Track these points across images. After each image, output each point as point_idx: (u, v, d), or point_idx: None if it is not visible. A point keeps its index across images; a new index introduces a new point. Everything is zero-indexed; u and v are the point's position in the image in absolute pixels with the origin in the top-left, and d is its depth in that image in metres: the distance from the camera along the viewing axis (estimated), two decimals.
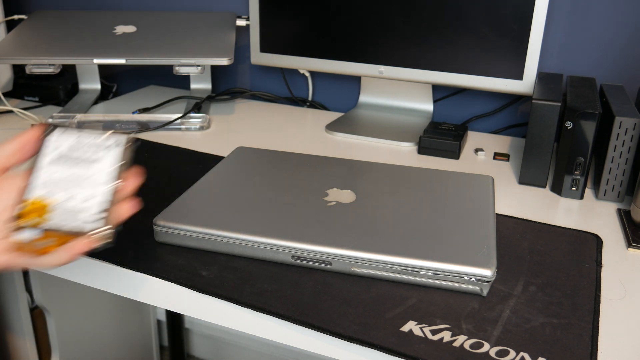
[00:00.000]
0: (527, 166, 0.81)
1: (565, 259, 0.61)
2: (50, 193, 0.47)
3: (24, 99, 1.19)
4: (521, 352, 0.47)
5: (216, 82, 1.31)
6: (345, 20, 1.01)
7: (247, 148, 0.82)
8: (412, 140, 0.97)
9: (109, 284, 0.60)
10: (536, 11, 0.89)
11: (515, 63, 0.93)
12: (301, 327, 0.51)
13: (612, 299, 0.56)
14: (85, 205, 0.47)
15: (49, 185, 0.48)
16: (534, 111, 0.78)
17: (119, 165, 0.49)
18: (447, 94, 1.12)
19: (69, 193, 0.47)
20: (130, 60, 1.00)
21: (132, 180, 0.50)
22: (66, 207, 0.47)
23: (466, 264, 0.54)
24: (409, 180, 0.72)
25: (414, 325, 0.50)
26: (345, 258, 0.56)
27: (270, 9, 1.06)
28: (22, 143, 0.49)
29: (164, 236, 0.61)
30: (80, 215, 0.47)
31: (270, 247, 0.58)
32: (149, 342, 1.49)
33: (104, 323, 1.30)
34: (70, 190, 0.48)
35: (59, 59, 1.00)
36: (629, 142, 0.74)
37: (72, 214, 0.47)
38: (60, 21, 1.14)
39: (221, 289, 0.54)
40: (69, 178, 0.48)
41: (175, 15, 1.17)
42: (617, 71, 0.99)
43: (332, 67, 1.06)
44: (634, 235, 0.68)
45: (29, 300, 1.08)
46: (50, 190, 0.47)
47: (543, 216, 0.73)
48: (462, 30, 0.94)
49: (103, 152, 0.49)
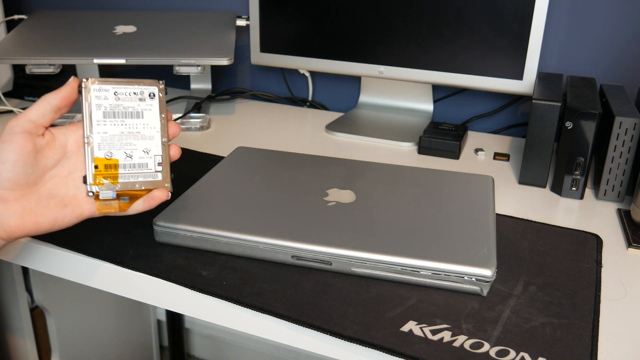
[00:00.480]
0: (527, 166, 0.81)
1: (565, 259, 0.61)
2: (110, 152, 0.51)
3: (24, 99, 1.19)
4: (521, 352, 0.47)
5: (216, 82, 1.31)
6: (345, 20, 1.01)
7: (247, 148, 0.82)
8: (412, 140, 0.97)
9: (109, 284, 0.60)
10: (536, 11, 0.89)
11: (515, 63, 0.93)
12: (301, 327, 0.51)
13: (612, 298, 0.56)
14: (144, 161, 0.52)
15: (106, 145, 0.51)
16: (534, 111, 0.78)
17: (161, 117, 0.53)
18: (447, 94, 1.12)
19: (127, 150, 0.52)
20: (130, 60, 1.00)
21: (173, 128, 0.54)
22: (128, 163, 0.52)
23: (466, 264, 0.54)
24: (409, 180, 0.72)
25: (414, 325, 0.50)
26: (345, 258, 0.56)
27: (270, 9, 1.06)
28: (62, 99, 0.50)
29: (164, 236, 0.61)
30: (143, 170, 0.52)
31: (270, 247, 0.58)
32: (149, 342, 1.49)
33: (104, 323, 1.30)
34: (127, 147, 0.52)
35: (59, 59, 1.00)
36: (629, 142, 0.74)
37: (135, 169, 0.52)
38: (60, 21, 1.14)
39: (221, 289, 0.54)
40: (122, 134, 0.52)
41: (175, 15, 1.17)
42: (617, 71, 0.99)
43: (332, 67, 1.06)
44: (634, 235, 0.68)
45: (29, 300, 1.08)
46: (108, 149, 0.51)
47: (543, 216, 0.73)
48: (462, 30, 0.94)
49: (144, 104, 0.52)
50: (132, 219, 0.67)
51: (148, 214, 0.68)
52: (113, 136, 0.51)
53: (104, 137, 0.51)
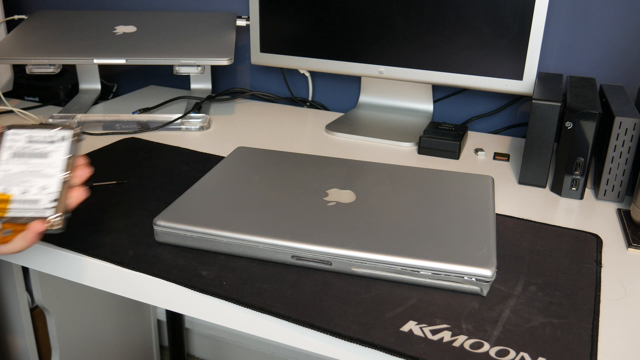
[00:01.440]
0: (527, 166, 0.81)
1: (565, 259, 0.62)
2: (7, 188, 0.53)
3: (24, 99, 1.19)
4: (521, 352, 0.47)
5: (216, 82, 1.31)
6: (345, 20, 1.02)
7: (247, 148, 0.82)
8: (412, 140, 0.97)
9: (109, 284, 0.60)
10: (536, 11, 0.89)
11: (515, 63, 0.93)
12: (301, 327, 0.51)
13: (612, 298, 0.56)
14: (38, 197, 0.52)
15: (5, 181, 0.53)
16: (534, 111, 0.78)
17: (67, 158, 0.54)
18: (447, 94, 1.12)
19: (24, 187, 0.53)
20: (130, 60, 1.00)
21: (81, 170, 0.55)
22: (22, 199, 0.52)
23: (466, 264, 0.54)
24: (409, 180, 0.72)
25: (414, 325, 0.50)
26: (345, 258, 0.56)
27: (270, 9, 1.06)
28: None
29: (164, 236, 0.61)
30: (34, 206, 0.52)
31: (270, 247, 0.58)
32: (149, 342, 1.49)
33: (104, 323, 1.30)
34: (24, 184, 0.53)
35: (59, 59, 1.00)
36: (629, 142, 0.74)
37: (27, 204, 0.52)
38: (61, 21, 1.14)
39: (221, 289, 0.54)
40: (24, 172, 0.53)
41: (175, 15, 1.17)
42: (617, 71, 0.99)
43: (332, 67, 1.06)
44: (634, 235, 0.68)
45: (29, 300, 1.08)
46: (7, 185, 0.53)
47: (543, 216, 0.73)
48: (462, 30, 0.94)
49: (53, 146, 0.55)
50: (132, 219, 0.67)
51: (148, 214, 0.68)
52: (15, 174, 0.53)
53: (5, 174, 0.54)
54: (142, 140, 0.93)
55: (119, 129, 0.99)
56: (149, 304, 1.46)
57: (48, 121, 0.99)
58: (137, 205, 0.71)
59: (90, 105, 1.12)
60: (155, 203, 0.71)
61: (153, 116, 1.04)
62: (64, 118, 1.01)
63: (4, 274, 1.04)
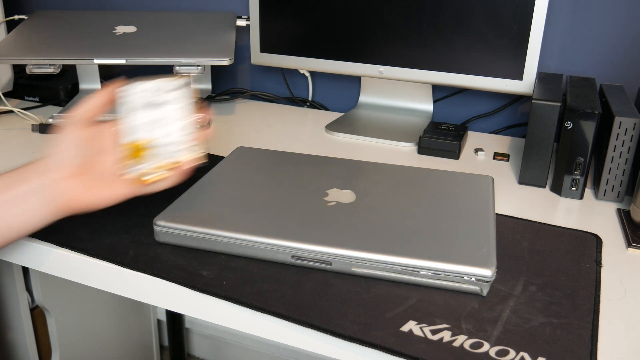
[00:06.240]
0: (527, 166, 0.81)
1: (565, 259, 0.62)
2: (142, 136, 0.59)
3: (24, 99, 1.19)
4: (521, 352, 0.47)
5: (216, 82, 1.31)
6: (345, 20, 1.02)
7: (247, 148, 0.82)
8: (412, 140, 0.97)
9: (109, 284, 0.60)
10: (536, 11, 0.89)
11: (515, 63, 0.93)
12: (301, 327, 0.51)
13: (612, 298, 0.56)
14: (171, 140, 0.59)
15: (138, 130, 0.59)
16: (533, 111, 0.78)
17: (188, 103, 0.60)
18: (447, 94, 1.12)
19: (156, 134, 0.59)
20: (130, 60, 1.00)
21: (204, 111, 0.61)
22: (156, 144, 0.59)
23: (466, 264, 0.54)
24: (409, 180, 0.72)
25: (414, 325, 0.50)
26: (345, 258, 0.56)
27: (270, 9, 1.06)
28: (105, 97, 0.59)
29: (164, 236, 0.61)
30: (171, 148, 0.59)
31: (270, 247, 0.58)
32: (149, 342, 1.49)
33: (104, 323, 1.30)
34: (156, 131, 0.59)
35: (59, 59, 1.00)
36: (629, 142, 0.74)
37: (163, 148, 0.59)
38: (61, 21, 1.14)
39: (221, 289, 0.54)
40: (152, 121, 0.59)
41: (175, 15, 1.17)
42: (617, 71, 0.99)
43: (332, 67, 1.06)
44: (633, 235, 0.68)
45: (29, 300, 1.08)
46: (140, 134, 0.59)
47: (543, 216, 0.73)
48: (462, 30, 0.94)
49: (172, 94, 0.60)
50: (132, 219, 0.67)
51: (148, 213, 0.68)
52: (143, 123, 0.59)
53: (135, 124, 0.59)
54: None
55: None
56: (149, 304, 1.46)
57: (48, 121, 0.99)
58: (137, 205, 0.71)
59: None
60: (155, 203, 0.71)
61: None
62: (64, 118, 1.01)
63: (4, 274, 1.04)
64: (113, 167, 0.60)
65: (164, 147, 0.59)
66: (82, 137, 0.58)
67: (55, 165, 0.57)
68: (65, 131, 0.58)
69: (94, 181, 0.58)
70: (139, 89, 0.59)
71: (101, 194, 0.59)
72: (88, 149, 0.59)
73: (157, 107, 0.59)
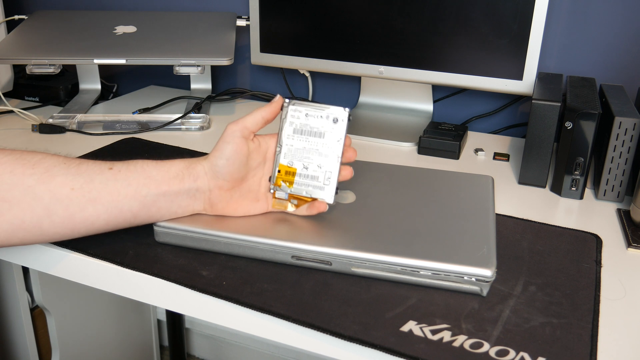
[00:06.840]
0: (527, 166, 0.81)
1: (565, 259, 0.62)
2: (293, 161, 0.60)
3: (24, 99, 1.19)
4: (521, 352, 0.47)
5: (216, 82, 1.31)
6: (345, 20, 1.02)
7: None
8: (412, 140, 0.97)
9: (109, 284, 0.60)
10: (536, 11, 0.89)
11: (515, 63, 0.93)
12: (301, 327, 0.51)
13: (612, 298, 0.56)
14: (315, 174, 0.60)
15: (291, 155, 0.60)
16: (533, 111, 0.78)
17: (340, 139, 0.60)
18: (447, 94, 1.12)
19: (304, 163, 0.60)
20: (130, 60, 1.00)
21: (350, 152, 0.62)
22: (303, 174, 0.60)
23: (466, 264, 0.54)
24: (409, 180, 0.72)
25: (414, 325, 0.50)
26: (345, 258, 0.56)
27: (270, 9, 1.06)
28: (271, 113, 0.60)
29: (164, 236, 0.61)
30: (313, 182, 0.60)
31: (270, 247, 0.58)
32: (149, 342, 1.49)
33: (104, 323, 1.30)
34: (305, 160, 0.60)
35: (59, 59, 1.00)
36: (629, 142, 0.74)
37: (307, 180, 0.60)
38: (61, 21, 1.14)
39: (221, 289, 0.54)
40: (304, 149, 0.60)
41: (175, 15, 1.17)
42: (617, 71, 0.99)
43: (332, 67, 1.06)
44: (633, 235, 0.68)
45: (29, 300, 1.08)
46: (292, 159, 0.60)
47: (543, 216, 0.73)
48: (462, 31, 0.94)
49: (327, 126, 0.60)
50: None
51: None
52: (297, 149, 0.60)
53: (289, 148, 0.60)
54: (142, 140, 0.93)
55: (119, 129, 0.99)
56: (149, 304, 1.46)
57: (48, 121, 0.99)
58: None
59: (90, 105, 1.12)
60: None
61: (153, 116, 1.04)
62: (64, 118, 1.01)
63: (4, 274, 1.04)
64: (261, 183, 0.61)
65: (312, 180, 0.60)
66: (249, 151, 0.59)
67: (215, 175, 0.58)
68: (234, 139, 0.58)
69: (241, 195, 0.60)
70: (304, 111, 0.60)
71: (242, 207, 0.61)
72: (250, 163, 0.60)
73: (317, 135, 0.60)
